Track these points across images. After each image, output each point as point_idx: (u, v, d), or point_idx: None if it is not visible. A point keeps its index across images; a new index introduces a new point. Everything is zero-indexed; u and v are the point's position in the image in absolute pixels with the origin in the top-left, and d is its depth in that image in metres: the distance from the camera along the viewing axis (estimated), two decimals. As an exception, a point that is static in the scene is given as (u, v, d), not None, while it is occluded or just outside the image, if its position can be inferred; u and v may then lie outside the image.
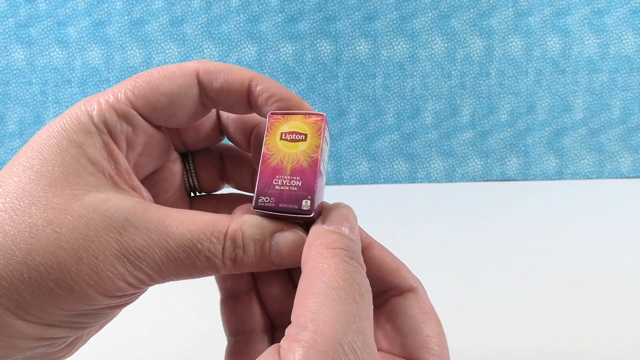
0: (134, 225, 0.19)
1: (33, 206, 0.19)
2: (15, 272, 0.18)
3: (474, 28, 0.80)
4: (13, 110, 0.81)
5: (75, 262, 0.18)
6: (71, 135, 0.21)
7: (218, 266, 0.20)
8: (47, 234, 0.18)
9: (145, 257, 0.19)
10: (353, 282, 0.18)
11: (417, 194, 0.79)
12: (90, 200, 0.19)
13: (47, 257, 0.18)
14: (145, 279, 0.19)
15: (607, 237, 0.59)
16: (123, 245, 0.19)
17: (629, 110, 0.81)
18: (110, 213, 0.19)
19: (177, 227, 0.20)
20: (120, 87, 0.23)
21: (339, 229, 0.21)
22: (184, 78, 0.23)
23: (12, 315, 0.18)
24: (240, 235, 0.21)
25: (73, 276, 0.18)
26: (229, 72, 0.23)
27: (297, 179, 0.21)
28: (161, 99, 0.23)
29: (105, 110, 0.22)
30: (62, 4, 0.80)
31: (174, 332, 0.42)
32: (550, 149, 0.82)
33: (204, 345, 0.40)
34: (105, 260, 0.19)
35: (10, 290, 0.18)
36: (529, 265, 0.52)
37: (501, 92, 0.81)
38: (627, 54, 0.80)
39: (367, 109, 0.82)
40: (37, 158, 0.20)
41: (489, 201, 0.75)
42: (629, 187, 0.78)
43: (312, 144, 0.22)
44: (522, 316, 0.43)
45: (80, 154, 0.20)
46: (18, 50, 0.80)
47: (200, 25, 0.81)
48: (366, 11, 0.80)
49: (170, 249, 0.19)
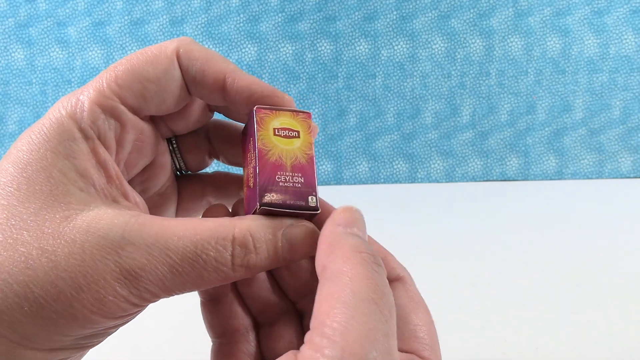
0: (132, 243, 0.18)
1: (25, 232, 0.18)
2: (15, 306, 0.17)
3: (474, 28, 0.80)
4: (13, 110, 0.81)
5: (76, 291, 0.17)
6: (55, 146, 0.19)
7: (228, 274, 0.20)
8: (43, 263, 0.17)
9: (148, 276, 0.18)
10: (384, 296, 0.17)
11: (417, 194, 0.79)
12: (83, 220, 0.18)
13: (46, 289, 0.17)
14: (149, 297, 0.19)
15: (607, 237, 0.59)
16: (123, 267, 0.18)
17: (629, 110, 0.81)
18: (105, 233, 0.18)
19: (178, 239, 0.19)
20: (102, 80, 0.21)
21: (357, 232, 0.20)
22: (166, 60, 0.21)
23: (18, 346, 0.17)
24: (250, 239, 0.20)
25: (75, 305, 0.17)
26: (206, 62, 0.22)
27: (299, 175, 0.21)
28: (149, 86, 0.21)
29: (89, 111, 0.20)
30: (62, 4, 0.80)
31: (174, 332, 0.42)
32: (550, 149, 0.82)
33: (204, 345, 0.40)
34: (106, 285, 0.18)
35: (13, 323, 0.17)
36: (529, 265, 0.52)
37: (501, 92, 0.81)
38: (627, 54, 0.80)
39: (367, 109, 0.82)
40: (22, 177, 0.19)
41: (489, 201, 0.75)
42: (629, 187, 0.78)
43: (306, 141, 0.22)
44: (522, 316, 0.43)
45: (67, 167, 0.19)
46: (18, 50, 0.80)
47: (200, 25, 0.81)
48: (366, 11, 0.80)
49: (173, 263, 0.18)
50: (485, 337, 0.40)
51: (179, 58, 0.22)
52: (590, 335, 0.40)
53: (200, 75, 0.22)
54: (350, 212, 0.21)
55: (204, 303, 0.25)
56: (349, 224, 0.20)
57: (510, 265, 0.52)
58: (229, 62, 0.23)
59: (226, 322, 0.24)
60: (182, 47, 0.22)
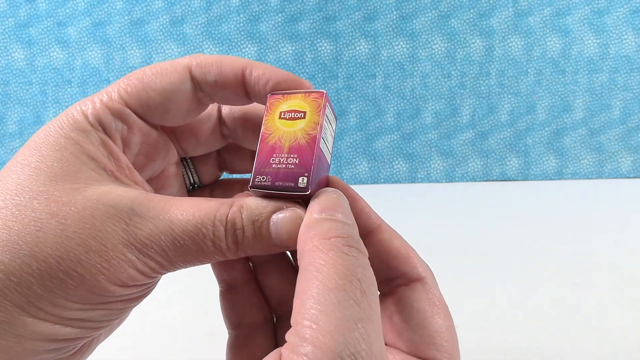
0: (139, 215, 0.19)
1: (35, 200, 0.19)
2: (23, 266, 0.17)
3: (474, 28, 0.80)
4: (13, 110, 0.81)
5: (85, 251, 0.18)
6: (68, 133, 0.21)
7: (224, 250, 0.20)
8: (53, 225, 0.18)
9: (153, 245, 0.19)
10: (353, 279, 0.17)
11: (417, 194, 0.79)
12: (94, 192, 0.19)
13: (56, 248, 0.18)
14: (155, 266, 0.19)
15: (607, 237, 0.59)
16: (130, 234, 0.19)
17: (629, 110, 0.81)
18: (115, 203, 0.19)
19: (181, 214, 0.20)
20: (114, 86, 0.22)
21: (333, 215, 0.20)
22: (176, 74, 0.23)
23: (22, 312, 0.17)
24: (240, 217, 0.20)
25: (84, 264, 0.18)
26: (221, 64, 0.23)
27: (294, 156, 0.21)
28: (154, 96, 0.22)
29: (99, 110, 0.22)
30: (62, 4, 0.80)
31: (174, 332, 0.42)
32: (550, 149, 0.82)
33: (204, 345, 0.40)
34: (115, 248, 0.19)
35: (20, 284, 0.17)
36: (529, 265, 0.52)
37: (501, 92, 0.81)
38: (627, 54, 0.80)
39: (367, 109, 0.82)
40: (34, 155, 0.20)
41: (489, 201, 0.75)
42: (629, 187, 0.78)
43: (311, 121, 0.22)
44: (522, 316, 0.43)
45: (80, 151, 0.20)
46: (18, 50, 0.80)
47: (200, 25, 0.81)
48: (366, 11, 0.80)
49: (175, 235, 0.19)
50: (485, 337, 0.40)
51: (191, 72, 0.23)
52: (590, 335, 0.40)
53: (220, 77, 0.23)
54: (324, 195, 0.21)
55: (222, 292, 0.25)
56: (323, 209, 0.20)
57: (510, 265, 0.52)
58: (242, 58, 0.24)
59: (244, 312, 0.24)
60: (193, 61, 0.23)
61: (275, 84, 0.23)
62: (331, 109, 0.23)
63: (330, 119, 0.23)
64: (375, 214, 0.24)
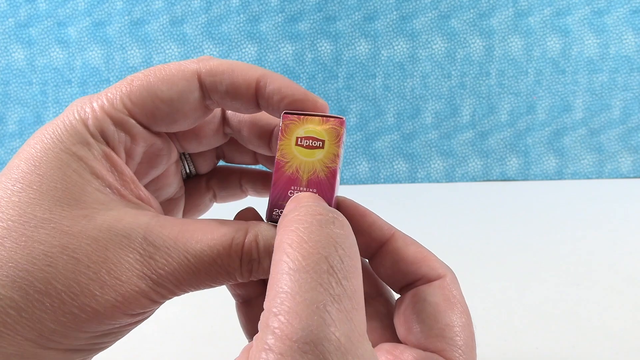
0: (153, 244, 0.19)
1: (41, 230, 0.18)
2: (36, 303, 0.17)
3: (474, 28, 0.80)
4: (13, 110, 0.81)
5: (99, 286, 0.18)
6: (69, 147, 0.19)
7: (237, 277, 0.20)
8: (64, 260, 0.17)
9: (167, 275, 0.19)
10: (319, 257, 0.15)
11: (417, 194, 0.79)
12: (104, 220, 0.19)
13: (69, 285, 0.17)
14: (166, 294, 0.19)
15: (607, 237, 0.59)
16: (145, 265, 0.19)
17: (629, 110, 0.81)
18: (127, 233, 0.19)
19: (196, 242, 0.19)
20: (115, 91, 0.21)
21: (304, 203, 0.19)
22: (185, 82, 0.21)
23: (34, 345, 0.17)
24: (256, 248, 0.20)
25: (98, 300, 0.18)
26: (233, 73, 0.21)
27: (313, 190, 0.20)
28: (161, 106, 0.21)
29: (100, 119, 0.20)
30: (62, 4, 0.80)
31: (174, 332, 0.42)
32: (550, 149, 0.82)
33: (205, 345, 0.40)
34: (129, 281, 0.18)
35: (32, 320, 0.17)
36: (529, 265, 0.52)
37: (501, 92, 0.81)
38: (627, 54, 0.80)
39: (367, 109, 0.82)
40: (34, 174, 0.18)
41: (489, 201, 0.75)
42: (629, 187, 0.78)
43: (330, 152, 0.21)
44: (522, 316, 0.43)
45: (83, 168, 0.19)
46: (18, 50, 0.80)
47: (200, 25, 0.81)
48: (366, 11, 0.80)
49: (191, 265, 0.19)
50: (485, 337, 0.40)
51: (200, 79, 0.22)
52: (590, 335, 0.40)
53: (232, 87, 0.22)
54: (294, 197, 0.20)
55: (238, 305, 0.25)
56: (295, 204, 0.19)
57: (510, 265, 0.52)
58: (256, 67, 0.22)
59: None
60: (203, 67, 0.22)
61: (291, 101, 0.22)
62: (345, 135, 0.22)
63: (344, 144, 0.22)
64: (387, 224, 0.23)
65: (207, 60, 0.22)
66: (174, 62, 0.22)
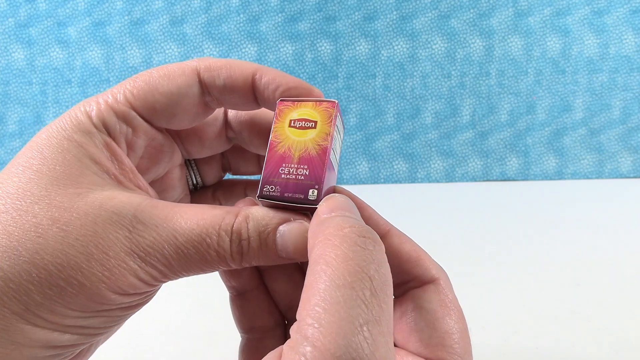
0: (142, 222, 0.19)
1: (36, 205, 0.18)
2: (23, 273, 0.17)
3: (474, 28, 0.80)
4: (13, 110, 0.81)
5: (86, 259, 0.18)
6: (71, 135, 0.20)
7: (228, 260, 0.20)
8: (54, 232, 0.18)
9: (156, 254, 0.19)
10: (364, 276, 0.15)
11: (417, 194, 0.79)
12: (96, 197, 0.19)
13: (56, 255, 0.18)
14: (157, 275, 0.19)
15: (607, 237, 0.59)
16: (133, 242, 0.19)
17: (629, 110, 0.81)
18: (118, 210, 0.19)
19: (185, 222, 0.19)
20: (120, 88, 0.22)
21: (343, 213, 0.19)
22: (184, 77, 0.22)
23: (20, 320, 0.17)
24: (245, 228, 0.20)
25: (85, 272, 0.18)
26: (230, 68, 0.22)
27: (304, 167, 0.21)
28: (160, 99, 0.22)
29: (104, 111, 0.21)
30: (62, 4, 0.80)
31: (174, 332, 0.42)
32: (550, 149, 0.82)
33: (205, 344, 0.40)
34: (117, 256, 0.18)
35: (19, 291, 0.17)
36: (529, 265, 0.52)
37: (501, 92, 0.81)
38: (627, 54, 0.80)
39: (367, 109, 0.82)
40: (36, 157, 0.19)
41: (489, 201, 0.75)
42: (629, 187, 0.78)
43: (322, 131, 0.21)
44: (522, 316, 0.43)
45: (82, 154, 0.20)
46: (18, 50, 0.80)
47: (200, 25, 0.81)
48: (366, 11, 0.80)
49: (179, 244, 0.19)
50: (485, 337, 0.40)
51: (199, 75, 0.23)
52: (590, 335, 0.40)
53: (229, 80, 0.22)
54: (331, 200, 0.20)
55: (232, 298, 0.25)
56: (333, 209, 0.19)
57: (510, 265, 0.52)
58: (251, 62, 0.23)
59: (254, 317, 0.24)
60: (201, 64, 0.23)
61: (286, 89, 0.22)
62: (341, 118, 0.22)
63: (339, 128, 0.22)
64: (383, 219, 0.23)
65: (206, 58, 0.23)
66: (176, 62, 0.23)
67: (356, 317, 0.15)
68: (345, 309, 0.15)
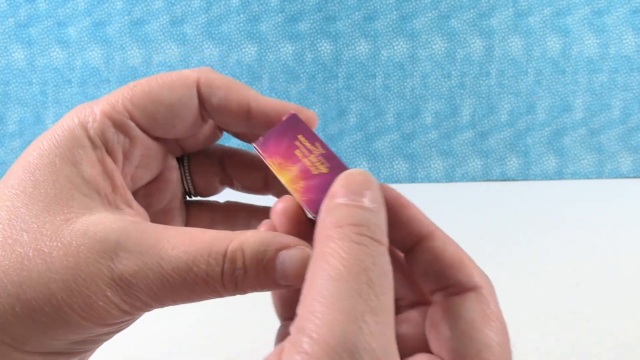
0: (126, 249, 0.18)
1: (24, 233, 0.18)
2: (7, 307, 0.17)
3: (474, 28, 0.80)
4: (13, 110, 0.81)
5: (67, 295, 0.17)
6: (64, 152, 0.20)
7: (219, 289, 0.19)
8: (38, 264, 0.17)
9: (139, 283, 0.18)
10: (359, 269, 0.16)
11: (417, 194, 0.78)
12: (82, 224, 0.18)
13: (39, 291, 0.17)
14: (140, 305, 0.18)
15: (607, 237, 0.59)
16: (114, 272, 0.18)
17: (629, 110, 0.81)
18: (101, 237, 0.18)
19: (172, 249, 0.18)
20: (118, 96, 0.21)
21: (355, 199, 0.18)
22: (185, 88, 0.22)
23: (10, 348, 0.17)
24: (241, 256, 0.19)
25: (65, 309, 0.17)
26: (229, 90, 0.22)
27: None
28: (161, 109, 0.21)
29: (100, 122, 0.20)
30: (62, 4, 0.80)
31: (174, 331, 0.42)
32: (550, 149, 0.82)
33: (205, 344, 0.40)
34: (97, 290, 0.17)
35: (5, 324, 0.17)
36: (529, 265, 0.52)
37: (501, 92, 0.81)
38: (627, 54, 0.80)
39: (367, 109, 0.82)
40: (29, 180, 0.19)
41: (489, 201, 0.75)
42: (629, 187, 0.78)
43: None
44: (522, 316, 0.43)
45: (74, 174, 0.19)
46: (18, 50, 0.80)
47: (200, 25, 0.81)
48: (366, 11, 0.80)
49: (164, 273, 0.18)
50: (485, 337, 0.40)
51: (199, 87, 0.22)
52: (590, 335, 0.40)
53: (224, 103, 0.22)
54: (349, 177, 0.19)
55: None
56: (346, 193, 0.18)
57: (510, 265, 0.52)
58: (250, 88, 0.23)
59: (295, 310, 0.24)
60: (202, 76, 0.22)
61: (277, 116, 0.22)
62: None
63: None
64: (428, 220, 0.22)
65: (208, 71, 0.23)
66: (176, 71, 0.23)
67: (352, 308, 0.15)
68: (341, 301, 0.15)
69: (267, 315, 0.25)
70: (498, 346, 0.19)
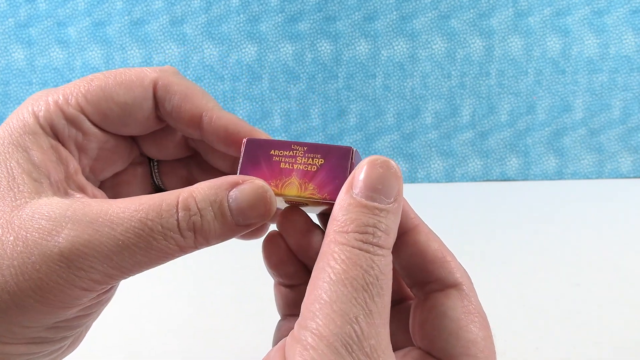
0: (74, 220, 0.17)
1: None
2: None
3: (474, 28, 0.80)
4: (12, 110, 0.81)
5: (18, 280, 0.17)
6: (17, 139, 0.20)
7: (178, 241, 0.18)
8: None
9: (93, 253, 0.17)
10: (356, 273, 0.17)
11: (417, 194, 0.79)
12: (30, 207, 0.18)
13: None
14: (99, 279, 0.17)
15: (607, 237, 0.59)
16: (64, 247, 0.17)
17: (629, 110, 0.81)
18: (48, 215, 0.18)
19: (122, 211, 0.18)
20: (73, 89, 0.21)
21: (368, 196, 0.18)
22: (141, 89, 0.22)
23: None
24: (193, 201, 0.18)
25: (19, 295, 0.17)
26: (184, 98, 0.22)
27: None
28: (114, 108, 0.22)
29: (52, 112, 0.20)
30: (62, 4, 0.80)
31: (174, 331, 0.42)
32: (550, 149, 0.82)
33: (205, 344, 0.40)
34: (48, 270, 0.17)
35: None
36: (528, 265, 0.52)
37: (501, 92, 0.81)
38: (627, 54, 0.80)
39: (367, 109, 0.82)
40: None
41: (489, 201, 0.75)
42: (629, 187, 0.78)
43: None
44: (522, 316, 0.43)
45: (25, 159, 0.19)
46: (18, 50, 0.80)
47: (200, 25, 0.81)
48: (366, 11, 0.80)
49: (117, 235, 0.17)
50: (485, 337, 0.40)
51: (155, 90, 0.22)
52: (590, 335, 0.40)
53: (177, 110, 0.22)
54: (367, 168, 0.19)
55: (276, 285, 0.24)
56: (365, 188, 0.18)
57: (510, 265, 0.52)
58: (209, 98, 0.23)
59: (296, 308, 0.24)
60: (161, 79, 0.22)
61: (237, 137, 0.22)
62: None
63: None
64: (414, 214, 0.23)
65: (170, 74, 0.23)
66: (136, 68, 0.22)
67: (347, 310, 0.16)
68: (338, 303, 0.16)
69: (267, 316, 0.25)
70: (483, 340, 0.20)
